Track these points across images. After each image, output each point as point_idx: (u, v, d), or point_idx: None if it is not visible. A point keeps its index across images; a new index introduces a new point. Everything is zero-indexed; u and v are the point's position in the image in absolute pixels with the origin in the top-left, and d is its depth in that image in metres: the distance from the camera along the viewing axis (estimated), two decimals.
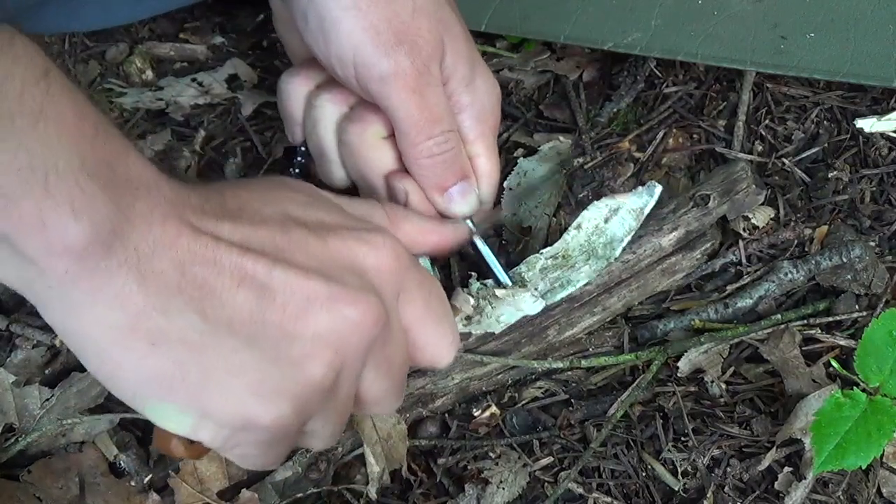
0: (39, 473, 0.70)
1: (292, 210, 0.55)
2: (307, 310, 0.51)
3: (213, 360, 0.50)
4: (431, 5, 0.67)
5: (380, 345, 0.55)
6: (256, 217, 0.53)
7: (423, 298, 0.59)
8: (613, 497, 0.69)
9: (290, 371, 0.51)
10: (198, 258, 0.49)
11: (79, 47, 0.99)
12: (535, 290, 0.71)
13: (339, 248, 0.54)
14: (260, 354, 0.50)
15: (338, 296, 0.52)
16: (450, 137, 0.69)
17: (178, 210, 0.49)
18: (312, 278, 0.51)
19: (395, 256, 0.56)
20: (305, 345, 0.51)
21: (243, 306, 0.50)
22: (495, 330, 0.71)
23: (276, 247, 0.52)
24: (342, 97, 0.72)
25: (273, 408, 0.51)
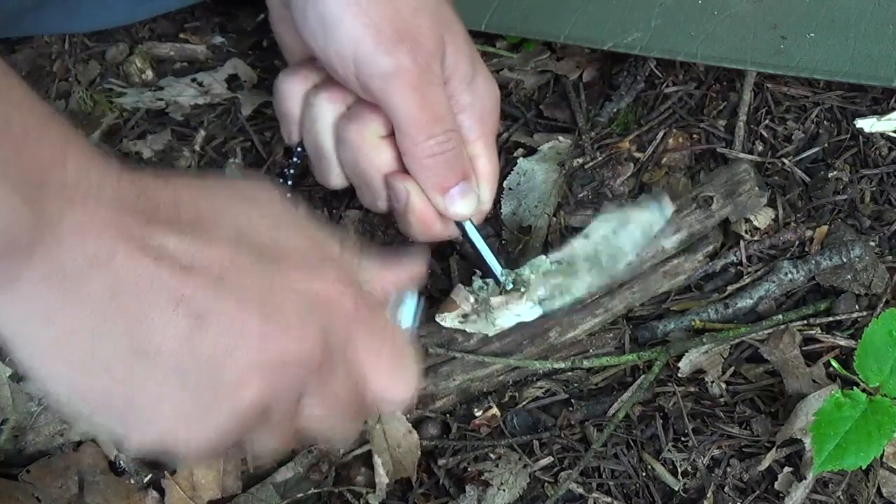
0: (38, 473, 0.70)
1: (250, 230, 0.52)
2: (239, 345, 0.49)
3: (139, 390, 0.48)
4: (432, 4, 0.67)
5: (318, 383, 0.53)
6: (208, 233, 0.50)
7: (372, 345, 0.55)
8: (613, 497, 0.69)
9: (216, 402, 0.49)
10: (132, 281, 0.47)
11: (79, 47, 0.99)
12: (534, 296, 0.71)
13: (290, 280, 0.51)
14: (186, 384, 0.49)
15: (273, 334, 0.49)
16: (451, 137, 0.69)
17: (120, 221, 0.46)
18: (250, 312, 0.49)
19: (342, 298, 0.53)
20: (234, 377, 0.49)
21: (174, 336, 0.48)
22: (489, 332, 0.71)
23: (220, 272, 0.49)
24: (340, 96, 0.71)
25: (196, 434, 0.50)
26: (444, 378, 0.72)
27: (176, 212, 0.49)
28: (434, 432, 0.73)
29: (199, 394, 0.49)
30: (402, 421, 0.71)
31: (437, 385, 0.72)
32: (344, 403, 0.55)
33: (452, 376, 0.72)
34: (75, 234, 0.45)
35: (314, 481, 0.70)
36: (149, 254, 0.47)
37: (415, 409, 0.73)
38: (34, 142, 0.44)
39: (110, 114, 0.94)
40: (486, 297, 0.71)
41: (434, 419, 0.73)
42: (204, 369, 0.49)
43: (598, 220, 0.73)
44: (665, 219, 0.73)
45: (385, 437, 0.71)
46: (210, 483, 0.69)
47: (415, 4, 0.66)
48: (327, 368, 0.52)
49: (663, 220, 0.73)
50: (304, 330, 0.51)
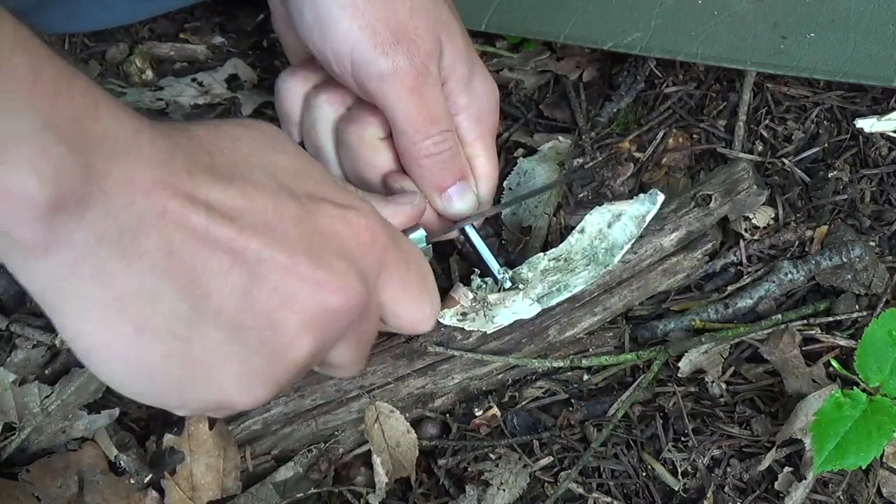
0: (38, 472, 0.70)
1: (283, 177, 0.52)
2: (294, 298, 0.50)
3: (198, 354, 0.48)
4: (429, 4, 0.67)
5: (356, 324, 0.55)
6: (248, 182, 0.50)
7: (401, 276, 0.58)
8: (613, 497, 0.69)
9: (273, 359, 0.51)
10: (188, 236, 0.46)
11: (79, 47, 0.99)
12: (532, 293, 0.71)
13: (327, 226, 0.52)
14: (244, 345, 0.49)
15: (324, 283, 0.51)
16: (447, 137, 0.69)
17: (164, 175, 0.45)
18: (301, 263, 0.50)
19: (377, 234, 0.55)
20: (289, 333, 0.50)
21: (232, 294, 0.48)
22: (487, 330, 0.71)
23: (268, 222, 0.49)
24: (340, 98, 0.71)
25: (252, 394, 0.51)
26: (443, 376, 0.72)
27: (211, 162, 0.49)
28: (434, 432, 0.73)
29: (260, 350, 0.50)
30: (401, 420, 0.71)
31: (436, 384, 0.72)
32: (369, 340, 0.58)
33: (451, 375, 0.72)
34: (124, 190, 0.44)
35: (314, 481, 0.70)
36: (198, 208, 0.46)
37: (414, 408, 0.73)
38: (65, 92, 0.43)
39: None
40: (485, 294, 0.71)
41: (434, 419, 0.73)
42: (264, 324, 0.49)
43: (591, 215, 0.73)
44: (656, 207, 0.73)
45: (384, 437, 0.71)
46: (210, 483, 0.69)
47: (411, 5, 0.66)
48: (367, 307, 0.54)
49: (655, 209, 0.73)
50: (349, 274, 0.52)
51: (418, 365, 0.72)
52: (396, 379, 0.72)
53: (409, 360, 0.72)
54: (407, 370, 0.72)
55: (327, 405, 0.71)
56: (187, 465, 0.69)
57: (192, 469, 0.69)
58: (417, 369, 0.72)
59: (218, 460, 0.69)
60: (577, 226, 0.74)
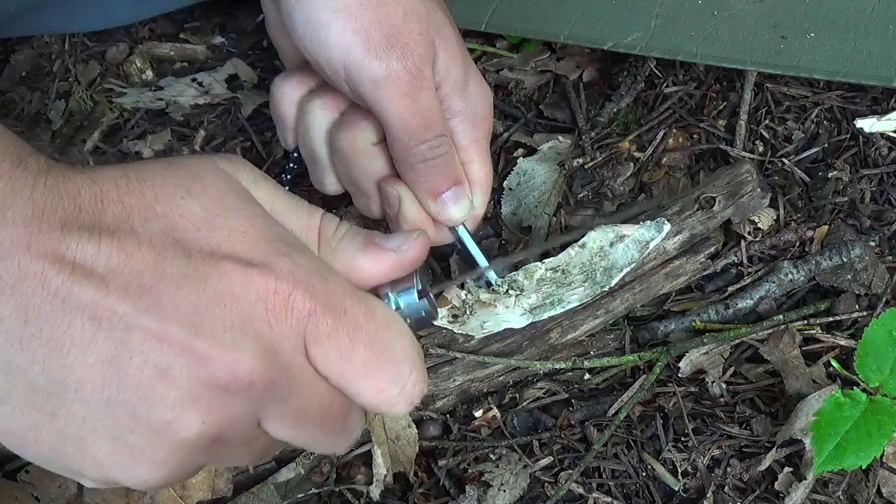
0: (38, 472, 0.70)
1: (182, 227, 0.46)
2: (167, 371, 0.44)
3: (65, 428, 0.44)
4: (423, 8, 0.67)
5: (274, 401, 0.47)
6: (132, 236, 0.44)
7: (341, 349, 0.48)
8: (614, 497, 0.69)
9: (152, 438, 0.45)
10: (46, 300, 0.42)
11: (79, 47, 0.99)
12: (525, 303, 0.71)
13: (220, 289, 0.45)
14: (115, 421, 0.44)
15: (204, 356, 0.44)
16: (442, 142, 0.68)
17: (31, 233, 0.42)
18: (175, 332, 0.44)
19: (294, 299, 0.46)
20: (166, 410, 0.44)
21: (97, 363, 0.43)
22: (476, 335, 0.71)
23: (142, 284, 0.44)
24: (333, 103, 0.71)
25: (135, 474, 0.46)
26: (444, 378, 0.72)
27: (99, 212, 0.44)
28: (434, 433, 0.73)
29: (134, 428, 0.44)
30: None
31: (437, 385, 0.72)
32: (318, 417, 0.49)
33: (453, 377, 0.72)
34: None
35: (315, 482, 0.70)
36: (63, 268, 0.42)
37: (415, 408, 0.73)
38: None
39: (110, 114, 0.94)
40: (477, 298, 0.71)
41: (435, 420, 0.73)
42: (134, 400, 0.44)
43: (595, 231, 0.73)
44: (661, 235, 0.73)
45: (385, 429, 0.71)
46: (201, 483, 0.69)
47: (404, 9, 0.65)
48: (283, 385, 0.46)
49: (660, 238, 0.73)
50: (239, 347, 0.45)
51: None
52: None
53: None
54: None
55: None
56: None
57: None
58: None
59: None
60: (579, 240, 0.73)
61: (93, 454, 0.45)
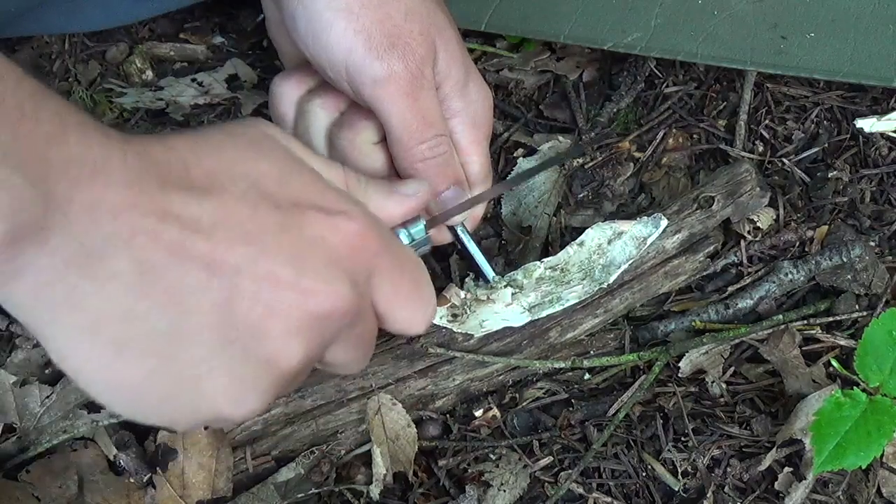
0: (38, 472, 0.70)
1: (264, 184, 0.51)
2: (277, 307, 0.48)
3: (183, 369, 0.47)
4: (423, 9, 0.67)
5: (349, 327, 0.54)
6: (226, 193, 0.49)
7: (393, 280, 0.56)
8: (613, 497, 0.69)
9: (262, 369, 0.49)
10: (159, 253, 0.45)
11: (79, 47, 0.99)
12: (524, 301, 0.71)
13: (312, 233, 0.51)
14: (230, 357, 0.48)
15: (309, 290, 0.49)
16: (442, 141, 0.68)
17: (134, 194, 0.45)
18: (283, 272, 0.48)
19: (367, 239, 0.54)
20: (276, 342, 0.49)
21: (213, 306, 0.47)
22: (476, 333, 0.71)
23: (246, 234, 0.48)
24: (333, 102, 0.71)
25: (244, 405, 0.50)
26: (443, 378, 0.72)
27: (187, 174, 0.48)
28: (434, 433, 0.73)
29: (246, 362, 0.49)
30: (402, 413, 0.71)
31: (436, 384, 0.72)
32: (367, 341, 0.57)
33: (452, 376, 0.72)
34: (89, 214, 0.43)
35: (315, 482, 0.70)
36: (171, 223, 0.46)
37: (414, 408, 0.73)
38: (30, 118, 0.42)
39: (110, 114, 0.94)
40: (476, 297, 0.71)
41: (434, 420, 0.73)
42: (247, 337, 0.48)
43: (592, 229, 0.73)
44: (658, 231, 0.73)
45: (384, 429, 0.71)
46: (201, 482, 0.69)
47: (406, 9, 0.65)
48: (361, 311, 0.54)
49: (657, 233, 0.73)
50: (336, 280, 0.51)
51: (419, 366, 0.72)
52: (397, 380, 0.72)
53: (410, 361, 0.72)
54: (408, 371, 0.72)
55: (327, 405, 0.71)
56: (179, 463, 0.69)
57: (184, 467, 0.69)
58: (418, 370, 0.72)
59: (210, 460, 0.69)
60: (577, 238, 0.73)
61: (208, 391, 0.48)
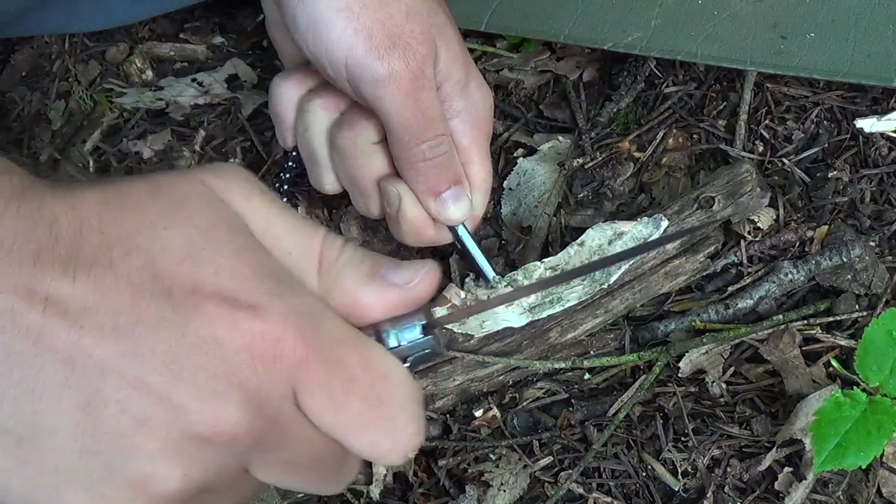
0: None
1: (162, 262, 0.42)
2: (146, 421, 0.40)
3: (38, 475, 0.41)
4: (425, 8, 0.67)
5: (263, 452, 0.44)
6: (109, 272, 0.41)
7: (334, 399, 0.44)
8: (613, 497, 0.69)
9: (130, 492, 0.42)
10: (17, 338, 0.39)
11: (79, 47, 0.99)
12: (524, 302, 0.71)
13: (202, 333, 0.41)
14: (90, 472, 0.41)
15: (183, 408, 0.41)
16: (443, 141, 0.68)
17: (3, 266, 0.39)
18: (153, 380, 0.40)
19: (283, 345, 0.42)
20: (145, 463, 0.41)
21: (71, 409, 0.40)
22: (476, 334, 0.71)
23: (117, 326, 0.40)
24: (333, 102, 0.71)
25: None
26: (444, 378, 0.72)
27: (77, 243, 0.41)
28: (434, 433, 0.73)
29: (110, 480, 0.41)
30: None
31: (436, 385, 0.72)
32: (310, 464, 0.46)
33: (453, 376, 0.72)
34: None
35: None
36: (35, 305, 0.40)
37: None
38: None
39: (110, 114, 0.94)
40: (476, 297, 0.71)
41: (435, 420, 0.74)
42: (112, 450, 0.41)
43: (593, 230, 0.73)
44: (659, 232, 0.73)
45: None
46: None
47: (407, 9, 0.65)
48: (270, 436, 0.43)
49: (658, 234, 0.73)
50: (221, 399, 0.41)
51: (419, 366, 0.72)
52: None
53: None
54: None
55: None
56: None
57: None
58: (418, 371, 0.72)
59: None
60: (578, 238, 0.73)
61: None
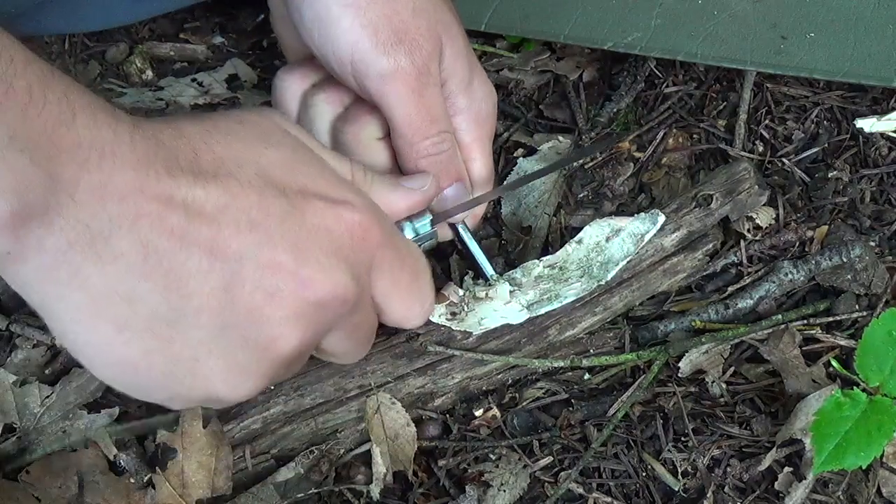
0: (38, 473, 0.70)
1: (271, 171, 0.52)
2: (276, 294, 0.49)
3: (181, 350, 0.48)
4: (431, 5, 0.67)
5: (347, 316, 0.55)
6: (232, 179, 0.50)
7: (393, 274, 0.58)
8: (613, 497, 0.69)
9: (258, 354, 0.50)
10: (164, 237, 0.46)
11: (79, 47, 0.99)
12: (523, 299, 0.71)
13: (316, 222, 0.52)
14: (228, 341, 0.49)
15: (308, 279, 0.50)
16: (446, 138, 0.69)
17: (140, 177, 0.46)
18: (284, 259, 0.50)
19: (370, 231, 0.55)
20: (274, 328, 0.50)
21: (213, 289, 0.48)
22: (475, 331, 0.71)
23: (250, 221, 0.49)
24: (337, 97, 0.71)
25: (239, 388, 0.51)
26: (442, 376, 0.72)
27: (196, 160, 0.49)
28: (434, 433, 0.73)
29: (243, 346, 0.49)
30: (402, 412, 0.71)
31: (435, 383, 0.72)
32: (364, 331, 0.59)
33: (451, 374, 0.72)
34: (95, 197, 0.44)
35: (314, 482, 0.70)
36: (176, 208, 0.46)
37: (414, 407, 0.73)
38: (38, 101, 0.43)
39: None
40: (475, 295, 0.71)
41: (434, 419, 0.73)
42: (245, 321, 0.49)
43: (591, 227, 0.73)
44: (656, 227, 0.73)
45: (384, 428, 0.71)
46: (201, 481, 0.69)
47: (413, 5, 0.66)
48: (359, 301, 0.54)
49: (655, 229, 0.73)
50: (336, 270, 0.52)
51: (418, 364, 0.72)
52: (396, 378, 0.72)
53: (409, 359, 0.72)
54: (407, 369, 0.72)
55: (327, 404, 0.71)
56: (179, 462, 0.69)
57: (183, 466, 0.69)
58: (417, 368, 0.72)
59: (210, 459, 0.69)
60: (576, 236, 0.73)
61: (204, 373, 0.50)
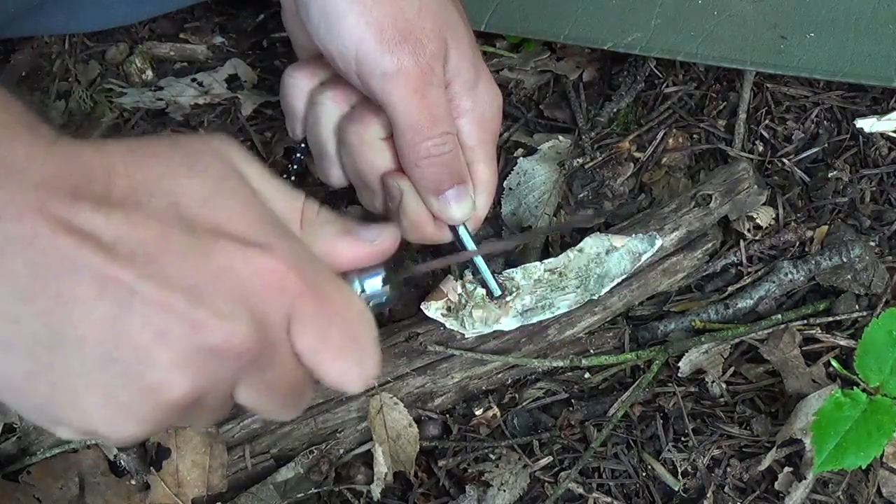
0: (39, 474, 0.70)
1: (185, 204, 0.49)
2: (165, 335, 0.47)
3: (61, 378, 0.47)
4: (437, 5, 0.67)
5: (254, 371, 0.50)
6: (139, 211, 0.48)
7: (319, 329, 0.51)
8: (613, 497, 0.69)
9: (141, 396, 0.48)
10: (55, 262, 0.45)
11: (79, 47, 0.99)
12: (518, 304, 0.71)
13: (222, 263, 0.48)
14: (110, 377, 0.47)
15: (200, 323, 0.47)
16: (448, 140, 0.68)
17: (42, 199, 0.45)
18: (176, 299, 0.47)
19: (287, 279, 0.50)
20: (160, 371, 0.47)
21: (99, 321, 0.46)
22: (466, 334, 0.71)
23: (147, 252, 0.47)
24: (344, 96, 0.71)
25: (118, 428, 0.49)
26: (442, 375, 0.72)
27: (107, 185, 0.47)
28: (434, 433, 0.73)
29: (126, 385, 0.47)
30: (404, 413, 0.71)
31: (435, 382, 0.72)
32: (283, 390, 0.53)
33: (451, 374, 0.72)
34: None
35: (314, 481, 0.70)
36: (73, 234, 0.45)
37: (413, 406, 0.73)
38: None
39: (110, 114, 0.94)
40: (472, 293, 0.71)
41: (434, 419, 0.74)
42: (130, 359, 0.47)
43: (591, 238, 0.73)
44: (653, 250, 0.73)
45: (385, 428, 0.71)
46: (195, 480, 0.69)
47: (419, 5, 0.65)
48: (266, 356, 0.50)
49: (652, 251, 0.74)
50: (235, 318, 0.48)
51: (418, 364, 0.72)
52: (396, 377, 0.72)
53: (409, 358, 0.72)
54: (406, 368, 0.72)
55: (326, 404, 0.71)
56: (173, 462, 0.69)
57: (177, 465, 0.69)
58: (417, 368, 0.72)
59: (204, 457, 0.69)
60: (577, 244, 0.74)
61: (82, 406, 0.48)
